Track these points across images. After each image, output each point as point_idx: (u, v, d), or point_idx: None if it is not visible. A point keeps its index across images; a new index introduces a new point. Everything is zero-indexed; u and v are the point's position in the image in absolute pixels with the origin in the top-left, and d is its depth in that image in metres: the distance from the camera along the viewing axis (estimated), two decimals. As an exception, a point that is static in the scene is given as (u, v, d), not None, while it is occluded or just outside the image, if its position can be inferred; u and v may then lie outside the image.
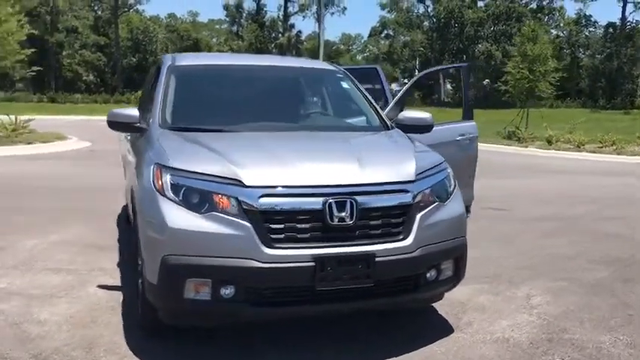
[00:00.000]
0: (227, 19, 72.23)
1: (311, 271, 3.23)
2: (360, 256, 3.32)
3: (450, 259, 3.70)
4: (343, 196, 3.34)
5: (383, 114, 4.76)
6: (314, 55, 39.36)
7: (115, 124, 4.31)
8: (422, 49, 66.71)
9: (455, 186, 3.88)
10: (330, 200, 3.30)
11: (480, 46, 62.26)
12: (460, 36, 62.46)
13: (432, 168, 3.78)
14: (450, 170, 3.92)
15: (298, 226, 3.28)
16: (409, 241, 3.45)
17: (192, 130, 4.08)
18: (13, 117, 16.03)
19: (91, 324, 4.03)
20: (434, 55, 63.73)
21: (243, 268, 3.20)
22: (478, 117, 6.85)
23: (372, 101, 4.83)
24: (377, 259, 3.33)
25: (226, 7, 69.97)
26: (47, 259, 5.46)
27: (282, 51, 65.06)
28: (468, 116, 5.64)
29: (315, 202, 3.30)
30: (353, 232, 3.35)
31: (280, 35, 68.03)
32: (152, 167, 3.54)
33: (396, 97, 5.29)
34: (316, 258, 3.24)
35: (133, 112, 4.28)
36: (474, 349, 3.73)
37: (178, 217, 3.28)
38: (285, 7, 67.08)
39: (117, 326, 3.99)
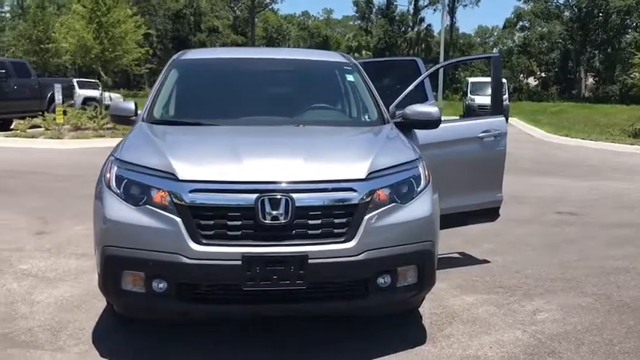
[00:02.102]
0: (357, 14, 72.60)
1: (237, 270, 3.12)
2: (291, 256, 3.14)
3: (409, 265, 3.40)
4: (278, 193, 3.18)
5: (383, 108, 4.48)
6: (444, 48, 38.17)
7: (115, 117, 4.46)
8: (561, 40, 62.60)
9: (425, 187, 3.55)
10: (264, 197, 3.16)
11: (627, 36, 57.22)
12: (604, 26, 57.82)
13: (394, 166, 3.49)
14: (421, 169, 3.59)
15: (229, 223, 3.17)
16: (352, 243, 3.22)
17: (171, 124, 4.12)
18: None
19: (74, 309, 4.21)
20: (574, 46, 59.59)
21: (171, 263, 3.16)
22: (620, 113, 6.13)
23: (375, 95, 4.57)
24: (310, 260, 3.14)
25: (356, 3, 70.34)
26: (80, 245, 5.79)
27: (412, 45, 64.28)
28: (496, 111, 5.15)
29: (247, 199, 3.17)
30: (288, 231, 3.18)
31: (409, 29, 67.20)
32: (109, 160, 3.61)
33: (406, 91, 4.95)
34: (244, 257, 3.11)
35: (130, 105, 4.39)
36: (431, 365, 3.41)
37: (117, 209, 3.31)
38: (416, 1, 66.12)
39: (96, 313, 4.12)
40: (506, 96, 30.70)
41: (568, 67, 63.20)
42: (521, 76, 69.07)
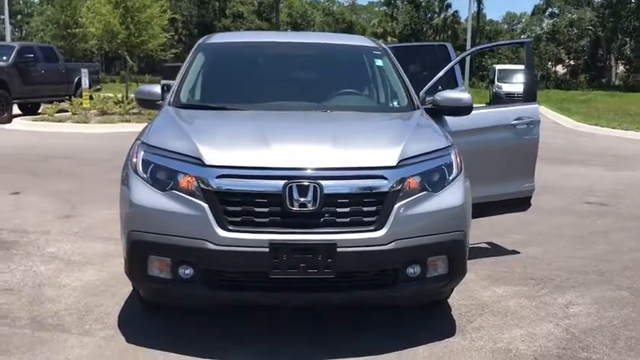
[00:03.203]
0: (382, 0, 71.86)
1: (264, 258, 3.06)
2: (319, 245, 3.08)
3: (439, 255, 3.31)
4: (305, 180, 3.11)
5: (413, 94, 4.37)
6: (471, 35, 37.45)
7: (141, 101, 4.43)
8: (591, 27, 61.25)
9: (458, 175, 3.45)
10: (291, 184, 3.09)
11: (660, 23, 55.75)
12: (636, 12, 56.39)
13: (426, 153, 3.40)
14: (453, 157, 3.50)
15: (256, 209, 3.11)
16: (382, 232, 3.14)
17: (197, 108, 4.07)
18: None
19: (100, 292, 4.21)
20: (605, 33, 58.29)
21: (197, 249, 3.11)
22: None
23: (405, 80, 4.46)
24: (339, 249, 3.07)
25: (382, -11, 69.60)
26: (106, 229, 5.80)
27: (437, 32, 63.48)
28: (529, 98, 5.00)
29: (275, 186, 3.11)
30: (316, 218, 3.11)
31: (435, 16, 66.36)
32: (135, 144, 3.57)
33: (437, 76, 4.83)
34: (271, 244, 3.06)
35: (156, 89, 4.35)
36: (462, 358, 3.33)
37: (143, 194, 3.27)
38: (443, -14, 65.15)
39: (122, 297, 4.12)
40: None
41: (598, 55, 61.92)
42: (549, 64, 67.88)
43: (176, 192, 3.20)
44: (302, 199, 3.08)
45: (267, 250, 3.06)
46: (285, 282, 3.15)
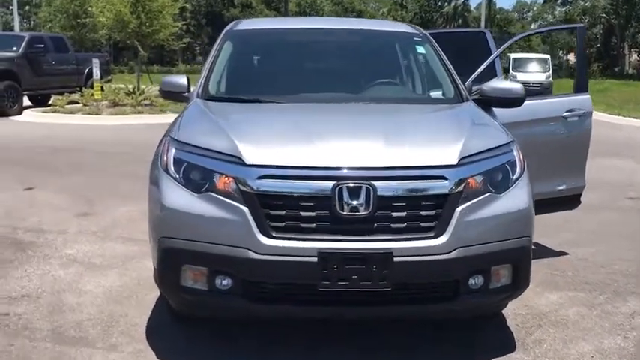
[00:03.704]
0: (393, -11, 71.06)
1: (313, 268, 2.74)
2: (374, 254, 2.76)
3: (504, 263, 2.99)
4: (358, 181, 2.78)
5: (460, 84, 4.03)
6: (480, 24, 36.97)
7: (167, 93, 4.11)
8: (604, 15, 60.33)
9: (522, 174, 3.12)
10: (342, 185, 2.76)
11: (675, 10, 54.79)
12: (651, -1, 55.44)
13: (488, 150, 3.06)
14: (516, 154, 3.16)
15: (302, 214, 2.79)
16: (443, 239, 2.81)
17: (228, 101, 3.74)
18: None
19: (124, 300, 3.91)
20: (618, 21, 57.39)
21: (237, 258, 2.80)
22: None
23: (450, 69, 4.11)
24: (396, 258, 2.75)
25: (391, -23, 68.84)
26: (126, 228, 5.52)
27: (448, 20, 62.74)
28: (581, 88, 4.64)
29: (323, 188, 2.78)
30: (369, 224, 2.79)
31: (446, 4, 65.56)
32: (164, 140, 3.26)
33: (484, 64, 4.48)
34: (320, 253, 2.74)
35: (182, 80, 4.03)
36: (529, 378, 3.01)
37: (175, 196, 2.95)
38: (453, -26, 64.32)
39: (148, 305, 3.82)
40: (549, 73, 29.65)
41: (611, 43, 61.05)
42: (561, 52, 67.09)
43: (212, 194, 2.88)
44: (353, 203, 2.76)
45: (315, 259, 2.74)
46: (336, 295, 2.83)
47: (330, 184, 2.78)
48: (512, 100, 3.92)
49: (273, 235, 2.78)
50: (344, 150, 2.92)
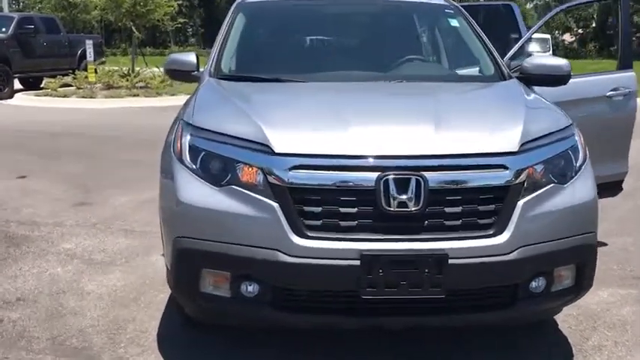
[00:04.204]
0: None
1: (355, 273, 2.36)
2: (427, 256, 2.38)
3: (568, 263, 2.61)
4: (407, 171, 2.40)
5: (500, 61, 3.63)
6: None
7: (173, 72, 3.69)
8: (601, -6, 59.72)
9: (585, 161, 2.75)
10: (388, 177, 2.37)
11: (673, -11, 54.25)
12: (649, -22, 54.90)
13: (549, 134, 2.68)
14: (578, 138, 2.78)
15: (342, 210, 2.40)
16: (504, 237, 2.43)
17: (245, 80, 3.33)
18: (162, 70, 16.47)
19: (131, 302, 3.53)
20: (615, 0, 56.82)
21: (266, 261, 2.41)
22: None
23: (488, 44, 3.71)
24: (451, 261, 2.37)
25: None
26: (128, 219, 5.12)
27: None
28: (625, 64, 4.25)
29: (366, 179, 2.39)
30: (419, 222, 2.40)
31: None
32: (177, 125, 2.86)
33: (522, 40, 4.08)
34: (364, 255, 2.35)
35: (191, 57, 3.61)
36: (596, 393, 2.66)
37: (192, 189, 2.55)
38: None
39: (157, 308, 3.45)
40: (550, 53, 29.16)
41: (607, 23, 60.56)
42: (557, 32, 66.48)
43: (235, 187, 2.49)
44: (402, 197, 2.37)
45: (357, 263, 2.36)
46: (380, 304, 2.45)
47: (374, 175, 2.39)
48: (557, 78, 3.51)
49: (308, 234, 2.40)
50: (388, 135, 2.53)
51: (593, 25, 61.20)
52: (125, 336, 3.12)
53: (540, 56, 3.73)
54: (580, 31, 63.56)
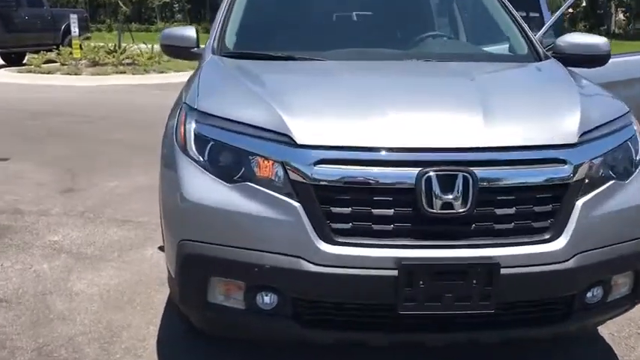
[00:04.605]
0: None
1: (392, 285, 2.03)
2: (476, 265, 2.05)
3: (627, 270, 2.30)
4: (453, 166, 2.06)
5: (534, 39, 3.29)
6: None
7: (169, 49, 3.32)
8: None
9: (644, 153, 2.42)
10: (430, 173, 2.04)
11: (664, -32, 53.87)
12: (641, -44, 54.43)
13: (607, 123, 2.34)
14: (636, 127, 2.46)
15: (375, 211, 2.06)
16: (561, 243, 2.11)
17: (253, 58, 2.96)
18: (150, 46, 15.98)
19: (126, 304, 3.19)
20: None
21: (287, 270, 2.08)
22: None
23: (519, 19, 3.37)
24: (503, 270, 2.05)
25: None
26: (119, 207, 4.75)
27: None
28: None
29: (405, 176, 2.05)
30: (466, 225, 2.08)
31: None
32: (179, 110, 2.49)
33: (551, 19, 3.74)
34: (403, 265, 2.02)
35: (190, 32, 3.24)
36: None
37: (200, 185, 2.20)
38: None
39: (155, 311, 3.11)
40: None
41: (598, 2, 60.28)
42: (549, 11, 66.02)
43: (251, 184, 2.14)
44: (447, 196, 2.03)
45: (395, 273, 2.03)
46: (420, 319, 2.13)
47: (414, 170, 2.04)
48: (596, 58, 3.19)
49: (337, 240, 2.06)
50: (430, 124, 2.18)
51: (584, 4, 60.95)
52: (120, 345, 2.79)
53: (576, 34, 3.37)
54: (570, 10, 63.32)
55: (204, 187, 2.19)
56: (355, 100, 2.30)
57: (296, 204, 2.07)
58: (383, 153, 2.08)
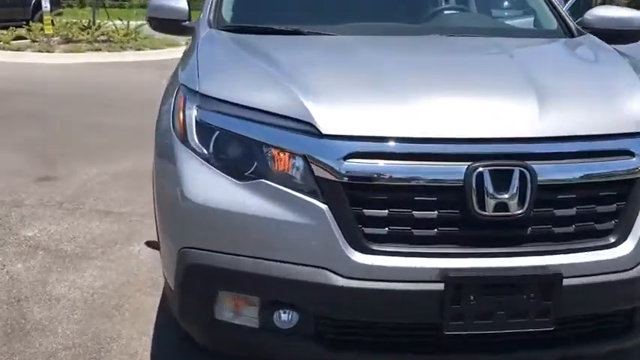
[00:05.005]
0: None
1: (437, 301, 1.73)
2: (534, 276, 1.75)
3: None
4: (509, 160, 1.75)
5: (562, 12, 2.97)
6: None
7: (157, 22, 2.95)
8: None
9: None
10: (481, 168, 1.72)
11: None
12: None
13: None
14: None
15: (417, 214, 1.75)
16: (627, 248, 1.82)
17: (255, 32, 2.59)
18: (126, 22, 15.35)
19: (113, 310, 2.84)
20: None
21: (311, 284, 1.76)
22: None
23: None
24: (566, 282, 1.75)
25: None
26: (101, 196, 4.36)
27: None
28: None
29: (452, 171, 1.74)
30: (523, 229, 1.77)
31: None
32: (175, 92, 2.13)
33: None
34: (449, 277, 1.71)
35: (180, 3, 2.87)
36: None
37: (205, 183, 1.86)
38: None
39: (147, 318, 2.77)
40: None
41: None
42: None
43: (266, 182, 1.80)
44: (501, 196, 1.72)
45: (440, 287, 1.72)
46: (468, 338, 1.82)
47: (463, 165, 1.73)
48: (628, 34, 2.90)
49: (370, 247, 1.74)
50: (477, 111, 1.86)
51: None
52: (110, 362, 2.45)
53: (606, 7, 3.08)
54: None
55: (209, 185, 1.85)
56: (388, 81, 1.96)
57: (321, 205, 1.74)
58: (426, 145, 1.75)
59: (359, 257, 1.73)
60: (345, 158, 1.73)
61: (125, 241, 3.61)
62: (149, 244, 3.56)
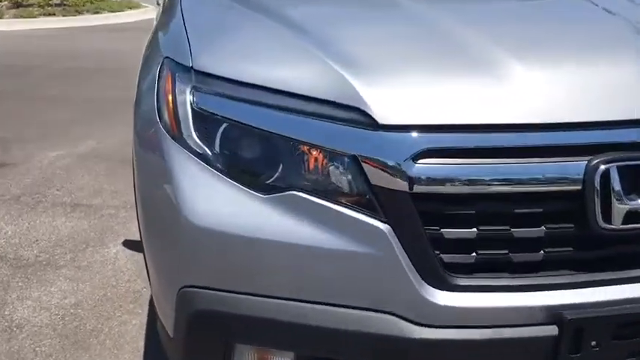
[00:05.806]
0: None
1: (549, 349, 1.24)
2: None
3: None
4: (640, 152, 1.25)
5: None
6: None
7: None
8: None
9: None
10: (603, 166, 1.21)
11: None
12: None
13: None
14: None
15: (516, 232, 1.24)
16: None
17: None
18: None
19: (90, 337, 2.32)
20: None
21: (369, 336, 1.25)
22: None
23: None
24: None
25: None
26: (65, 185, 3.78)
27: None
28: None
29: (567, 170, 1.23)
30: None
31: None
32: (157, 68, 1.55)
33: None
34: (565, 318, 1.22)
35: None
36: None
37: (213, 198, 1.31)
38: None
39: (132, 348, 2.25)
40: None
41: None
42: None
43: (299, 194, 1.26)
44: (637, 202, 1.22)
45: (554, 331, 1.23)
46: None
47: (582, 161, 1.22)
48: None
49: (453, 282, 1.23)
50: (597, 86, 1.32)
51: None
52: (91, 415, 1.94)
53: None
54: None
55: (218, 201, 1.31)
56: (468, 47, 1.40)
57: (381, 225, 1.22)
58: (529, 134, 1.23)
59: (438, 296, 1.23)
60: (415, 158, 1.20)
61: (98, 242, 3.07)
62: (126, 244, 3.03)
